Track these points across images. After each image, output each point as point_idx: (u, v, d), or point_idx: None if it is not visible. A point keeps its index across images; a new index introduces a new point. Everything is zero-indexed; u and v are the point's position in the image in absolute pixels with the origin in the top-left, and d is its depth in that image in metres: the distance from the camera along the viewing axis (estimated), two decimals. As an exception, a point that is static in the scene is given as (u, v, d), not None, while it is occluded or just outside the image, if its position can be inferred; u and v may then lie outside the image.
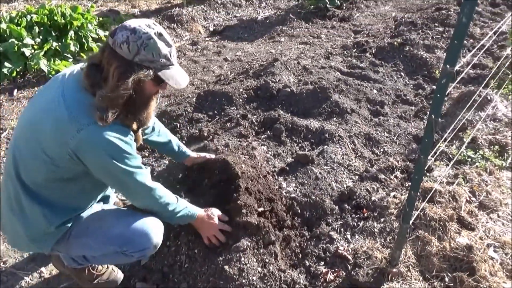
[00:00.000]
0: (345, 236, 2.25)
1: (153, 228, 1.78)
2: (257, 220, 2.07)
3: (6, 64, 3.99)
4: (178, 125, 3.16)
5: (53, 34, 4.47)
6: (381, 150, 2.98)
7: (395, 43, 4.63)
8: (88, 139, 1.46)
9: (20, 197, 1.59)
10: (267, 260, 2.01)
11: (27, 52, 4.06)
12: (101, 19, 5.45)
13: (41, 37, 4.34)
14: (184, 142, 2.96)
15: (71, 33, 4.59)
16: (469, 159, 2.86)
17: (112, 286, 2.02)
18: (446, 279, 1.97)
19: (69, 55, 4.47)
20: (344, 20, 6.31)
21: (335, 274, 2.05)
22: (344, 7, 6.98)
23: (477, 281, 1.91)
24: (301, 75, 3.86)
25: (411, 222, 1.85)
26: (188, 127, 3.14)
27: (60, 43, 4.44)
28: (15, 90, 4.03)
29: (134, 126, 1.61)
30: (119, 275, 2.05)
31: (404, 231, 1.88)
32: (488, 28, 5.30)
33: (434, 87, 3.91)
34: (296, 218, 2.31)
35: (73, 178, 1.60)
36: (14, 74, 4.06)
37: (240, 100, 3.36)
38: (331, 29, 5.90)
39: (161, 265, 2.09)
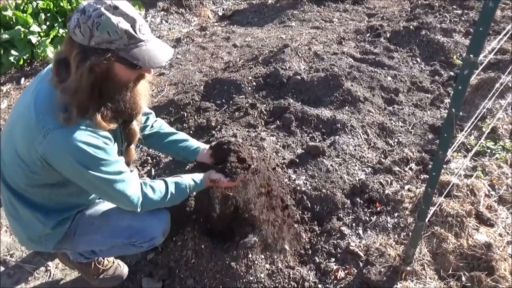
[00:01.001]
0: (357, 232, 2.17)
1: (160, 216, 1.74)
2: (265, 215, 2.00)
3: (13, 52, 3.94)
4: (185, 114, 3.08)
5: (60, 20, 4.39)
6: (395, 140, 2.86)
7: (411, 27, 4.43)
8: (54, 145, 1.33)
9: (13, 201, 1.54)
10: (275, 257, 1.95)
11: (34, 39, 4.01)
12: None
13: (47, 23, 4.27)
14: (191, 132, 2.89)
15: (78, 19, 4.50)
16: (489, 150, 2.73)
17: (118, 281, 1.99)
18: (463, 278, 1.88)
19: (76, 42, 4.40)
20: (358, 2, 6.08)
21: (346, 271, 1.98)
22: (358, -11, 6.72)
23: (495, 281, 1.82)
24: (312, 61, 3.73)
25: (427, 220, 1.76)
26: (195, 117, 3.06)
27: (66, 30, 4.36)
28: (22, 79, 3.98)
29: (112, 124, 1.43)
30: (125, 270, 2.02)
31: (420, 229, 1.79)
32: (509, 10, 5.04)
33: (452, 73, 3.75)
34: (306, 213, 2.23)
35: (56, 184, 1.50)
36: (21, 62, 4.02)
37: (249, 88, 3.26)
38: (343, 13, 5.69)
39: (167, 260, 2.05)
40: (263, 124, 2.93)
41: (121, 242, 1.69)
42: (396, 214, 2.23)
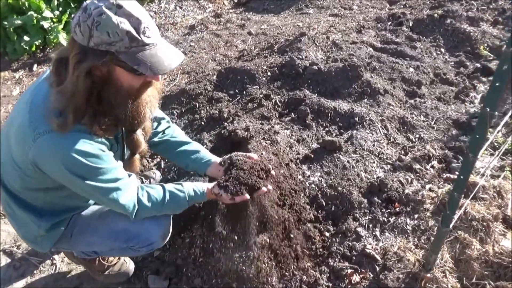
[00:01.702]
0: (374, 233, 2.06)
1: (159, 221, 1.65)
2: (278, 213, 1.90)
3: (25, 37, 3.91)
4: (197, 105, 2.99)
5: (72, 6, 4.33)
6: (417, 136, 2.71)
7: (435, 15, 4.20)
8: (43, 151, 1.25)
9: (9, 201, 1.49)
10: (286, 259, 1.85)
11: (46, 25, 3.96)
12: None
13: (60, 9, 4.20)
14: (202, 123, 2.80)
15: (91, 4, 4.43)
16: (517, 149, 2.56)
17: (124, 278, 1.94)
18: (488, 287, 1.75)
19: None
20: (379, -11, 5.84)
21: (361, 276, 1.88)
22: (379, -25, 6.45)
23: (524, 293, 1.69)
24: (330, 51, 3.57)
25: (451, 226, 1.63)
26: (207, 107, 2.96)
27: (79, 16, 4.30)
28: (35, 65, 3.95)
29: (110, 132, 1.34)
30: (131, 267, 1.96)
31: (443, 236, 1.67)
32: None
33: (478, 65, 3.54)
34: (320, 212, 2.13)
35: (52, 188, 1.43)
36: (34, 48, 3.98)
37: (263, 78, 3.14)
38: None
39: (174, 257, 1.98)
40: (277, 116, 2.82)
41: (118, 245, 1.62)
42: (416, 216, 2.10)
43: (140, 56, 1.22)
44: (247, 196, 1.64)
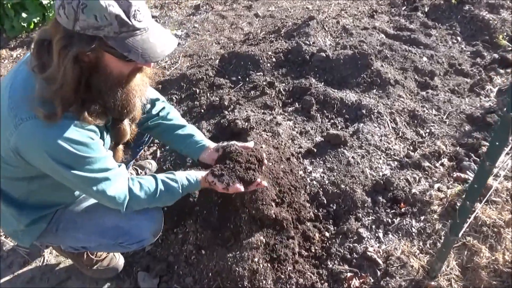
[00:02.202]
0: (377, 235, 1.95)
1: (150, 216, 1.56)
2: (275, 212, 1.80)
3: (24, 14, 3.77)
4: (197, 91, 2.86)
5: (73, -18, 4.16)
6: (427, 131, 2.56)
7: (453, 0, 3.98)
8: (26, 138, 1.16)
9: None
10: (283, 260, 1.76)
11: (45, 1, 3.81)
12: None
13: (60, -15, 4.04)
14: (202, 111, 2.68)
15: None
16: (534, 148, 2.40)
17: (113, 273, 1.86)
18: (496, 298, 1.65)
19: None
20: (394, -29, 5.56)
21: (361, 280, 1.78)
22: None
23: (534, 306, 1.59)
24: (339, 37, 3.39)
25: (460, 235, 1.52)
26: (208, 94, 2.83)
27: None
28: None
29: (99, 120, 1.25)
30: (120, 262, 1.88)
31: (450, 244, 1.56)
32: None
33: (496, 55, 3.34)
34: (320, 210, 2.02)
35: (35, 177, 1.33)
36: (32, 25, 3.85)
37: (268, 64, 2.99)
38: (378, -18, 5.21)
39: (166, 254, 1.90)
40: (280, 105, 2.68)
41: (106, 242, 1.53)
42: (422, 218, 1.99)
43: (131, 42, 1.13)
44: (241, 188, 1.58)
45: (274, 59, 3.02)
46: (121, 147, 1.50)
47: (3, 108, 1.19)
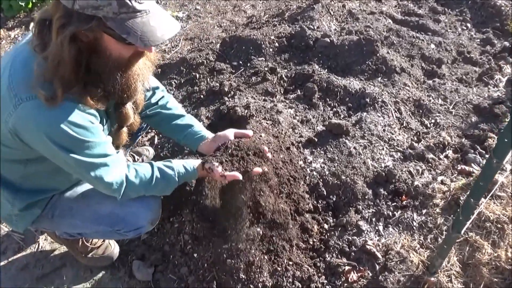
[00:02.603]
0: (377, 228, 1.91)
1: (147, 203, 1.54)
2: (273, 203, 1.76)
3: (21, -7, 3.67)
4: (197, 75, 2.79)
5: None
6: (432, 121, 2.49)
7: (464, -16, 3.84)
8: (26, 118, 1.14)
9: None
10: (280, 252, 1.72)
11: (44, -20, 3.71)
12: None
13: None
14: (202, 96, 2.62)
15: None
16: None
17: (108, 262, 1.84)
18: (496, 296, 1.62)
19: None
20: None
21: (359, 274, 1.75)
22: None
23: (536, 305, 1.55)
24: (345, 21, 3.29)
25: (462, 232, 1.47)
26: (208, 79, 2.76)
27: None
28: (31, 24, 3.74)
29: (100, 104, 1.22)
30: (116, 250, 1.86)
31: (452, 241, 1.51)
32: None
33: (506, 43, 3.23)
34: (320, 201, 1.97)
35: (32, 159, 1.31)
36: (30, 5, 3.76)
37: (270, 49, 2.90)
38: (387, -36, 5.04)
39: (162, 243, 1.88)
40: (282, 92, 2.61)
41: (103, 229, 1.51)
42: (424, 211, 1.94)
43: (130, 24, 1.09)
44: (239, 176, 1.53)
45: (276, 44, 2.93)
46: (125, 129, 1.48)
47: (2, 87, 1.16)
